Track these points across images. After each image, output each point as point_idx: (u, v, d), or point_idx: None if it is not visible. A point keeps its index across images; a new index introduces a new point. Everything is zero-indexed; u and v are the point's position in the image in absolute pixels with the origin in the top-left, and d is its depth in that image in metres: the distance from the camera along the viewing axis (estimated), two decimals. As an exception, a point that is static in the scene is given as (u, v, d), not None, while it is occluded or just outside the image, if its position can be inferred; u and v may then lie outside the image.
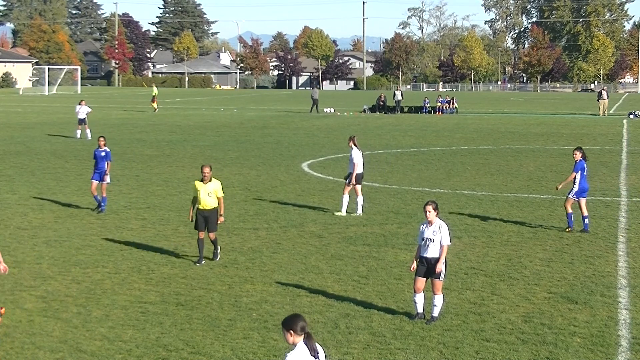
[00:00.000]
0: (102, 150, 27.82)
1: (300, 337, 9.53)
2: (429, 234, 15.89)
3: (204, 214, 20.45)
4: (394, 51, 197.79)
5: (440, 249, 15.83)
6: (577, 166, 24.76)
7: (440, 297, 15.97)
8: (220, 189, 20.59)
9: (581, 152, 24.95)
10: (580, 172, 24.76)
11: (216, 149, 47.17)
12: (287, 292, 18.11)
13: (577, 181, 24.74)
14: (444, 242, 15.82)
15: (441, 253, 15.82)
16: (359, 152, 27.52)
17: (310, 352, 9.51)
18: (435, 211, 15.91)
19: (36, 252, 21.71)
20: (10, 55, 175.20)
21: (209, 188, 20.39)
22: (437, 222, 15.93)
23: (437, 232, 15.86)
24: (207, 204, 20.42)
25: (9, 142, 50.18)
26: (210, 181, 20.43)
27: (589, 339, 15.07)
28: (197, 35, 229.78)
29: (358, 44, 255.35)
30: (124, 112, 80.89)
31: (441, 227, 15.91)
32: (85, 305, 17.05)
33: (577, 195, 24.77)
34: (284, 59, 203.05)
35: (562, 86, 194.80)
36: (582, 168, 24.82)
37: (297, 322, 9.58)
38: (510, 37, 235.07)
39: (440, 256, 15.81)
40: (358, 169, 27.21)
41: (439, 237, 15.84)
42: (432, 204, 15.98)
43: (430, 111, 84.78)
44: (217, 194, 20.50)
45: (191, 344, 14.68)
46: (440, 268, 15.82)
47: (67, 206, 28.42)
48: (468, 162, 41.89)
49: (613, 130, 63.56)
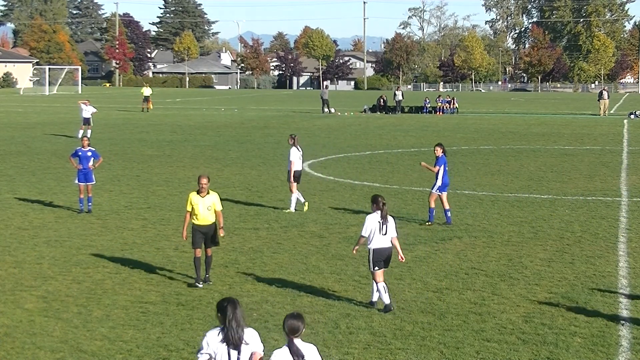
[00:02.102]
0: (87, 151, 27.74)
1: (287, 337, 9.52)
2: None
3: (203, 229, 18.52)
4: (394, 51, 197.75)
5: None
6: (439, 161, 25.44)
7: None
8: (219, 202, 18.67)
9: (442, 147, 25.71)
10: (443, 166, 25.51)
11: (217, 149, 47.17)
12: (288, 292, 18.12)
13: (440, 176, 25.43)
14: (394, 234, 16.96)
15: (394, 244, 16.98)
16: (298, 151, 28.10)
17: (293, 355, 9.42)
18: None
19: (37, 252, 21.72)
20: (10, 55, 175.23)
21: (208, 202, 18.45)
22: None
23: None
24: (207, 218, 18.50)
25: (10, 142, 50.19)
26: (208, 194, 18.54)
27: (590, 339, 15.07)
28: (197, 35, 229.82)
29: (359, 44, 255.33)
30: (124, 112, 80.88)
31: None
32: (86, 305, 17.05)
33: (440, 189, 25.55)
34: (285, 59, 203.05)
35: (562, 86, 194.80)
36: (444, 163, 25.59)
37: (287, 320, 9.56)
38: (511, 37, 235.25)
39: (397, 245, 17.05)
40: (295, 167, 27.73)
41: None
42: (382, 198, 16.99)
43: (431, 111, 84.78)
44: (215, 207, 18.54)
45: (192, 344, 14.68)
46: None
47: (67, 206, 28.41)
48: (469, 162, 41.88)
49: (614, 130, 63.56)
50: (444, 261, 21.00)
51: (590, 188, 33.32)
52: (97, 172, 36.55)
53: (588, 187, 33.48)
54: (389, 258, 16.94)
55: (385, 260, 16.84)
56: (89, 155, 27.64)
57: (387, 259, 16.88)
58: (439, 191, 25.54)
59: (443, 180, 25.44)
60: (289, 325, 9.49)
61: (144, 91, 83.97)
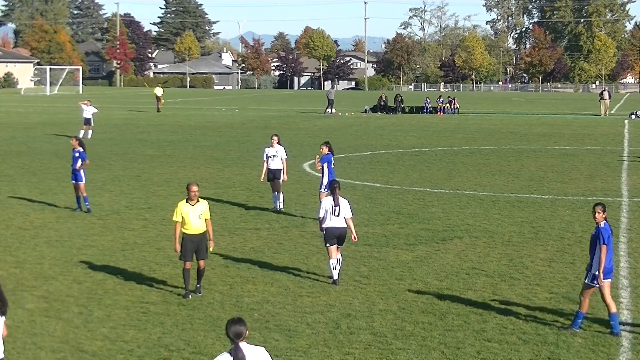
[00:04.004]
0: (76, 151, 27.90)
1: (231, 342, 9.45)
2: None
3: (194, 239, 17.64)
4: (395, 51, 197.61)
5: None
6: (324, 158, 26.02)
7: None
8: (208, 211, 17.79)
9: (327, 146, 26.37)
10: (327, 164, 25.99)
11: (217, 149, 47.18)
12: (289, 292, 18.13)
13: (326, 174, 25.89)
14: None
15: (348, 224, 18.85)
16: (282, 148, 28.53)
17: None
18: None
19: (38, 252, 21.73)
20: (11, 55, 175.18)
21: (199, 210, 17.59)
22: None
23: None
24: (198, 228, 17.63)
25: (11, 143, 50.21)
26: (198, 202, 17.66)
27: (591, 339, 15.08)
28: (198, 36, 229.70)
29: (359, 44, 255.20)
30: (125, 112, 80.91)
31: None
32: (86, 305, 17.07)
33: (327, 187, 25.61)
34: (286, 59, 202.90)
35: (563, 86, 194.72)
36: (329, 161, 26.08)
37: (230, 326, 9.50)
38: (512, 38, 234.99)
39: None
40: (284, 165, 27.99)
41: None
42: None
43: (432, 111, 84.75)
44: (206, 216, 17.70)
45: (193, 344, 14.70)
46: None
47: (68, 206, 28.41)
48: (469, 162, 41.89)
49: (614, 130, 63.56)
50: (444, 261, 21.01)
51: (591, 188, 33.32)
52: (98, 172, 36.70)
53: (589, 188, 33.49)
54: (342, 236, 18.83)
55: (337, 238, 18.72)
56: (77, 156, 27.79)
57: (339, 237, 18.76)
58: (327, 189, 25.64)
59: (329, 178, 25.55)
60: (234, 330, 9.42)
61: (156, 91, 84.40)
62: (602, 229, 15.43)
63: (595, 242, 15.40)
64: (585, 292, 15.42)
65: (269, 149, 28.12)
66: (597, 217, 15.47)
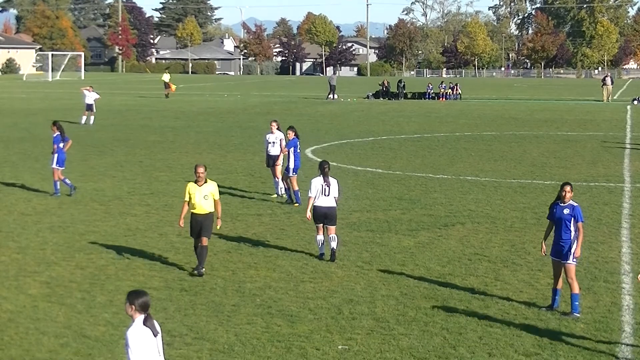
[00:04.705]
0: (54, 135, 28.11)
1: (139, 314, 9.52)
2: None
3: (198, 219, 18.41)
4: (397, 37, 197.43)
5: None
6: (290, 143, 26.55)
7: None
8: (217, 191, 18.54)
9: (294, 131, 26.69)
10: (294, 149, 26.51)
11: (220, 135, 47.17)
12: (291, 277, 18.15)
13: (292, 159, 26.39)
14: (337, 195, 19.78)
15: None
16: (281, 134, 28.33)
17: (152, 331, 9.49)
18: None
19: (40, 237, 21.75)
20: (13, 41, 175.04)
21: (205, 190, 18.31)
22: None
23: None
24: (204, 207, 18.35)
25: (13, 129, 50.20)
26: (206, 182, 18.40)
27: (593, 325, 15.10)
28: (200, 21, 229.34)
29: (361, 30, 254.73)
30: (128, 99, 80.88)
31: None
32: (89, 290, 17.09)
33: (294, 171, 26.46)
34: (288, 45, 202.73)
35: (565, 72, 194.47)
36: (296, 145, 26.57)
37: (139, 297, 9.56)
38: (514, 23, 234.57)
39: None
40: (280, 152, 27.80)
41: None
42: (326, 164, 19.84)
43: (434, 97, 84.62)
44: (214, 196, 18.43)
45: (195, 330, 14.72)
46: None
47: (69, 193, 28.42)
48: (472, 148, 41.87)
49: (617, 116, 63.48)
50: (447, 247, 21.02)
51: (593, 174, 33.30)
52: (101, 157, 36.83)
53: (591, 173, 33.47)
54: (330, 215, 19.56)
55: (325, 216, 19.51)
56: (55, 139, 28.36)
57: (327, 215, 19.53)
58: (294, 173, 26.50)
59: (295, 163, 26.35)
60: (143, 302, 9.53)
61: (164, 77, 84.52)
62: (577, 207, 15.77)
63: (564, 222, 15.67)
64: (573, 272, 15.68)
65: (269, 135, 28.13)
66: (567, 197, 15.73)
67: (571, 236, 15.64)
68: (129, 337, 9.40)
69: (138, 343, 9.36)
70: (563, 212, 15.69)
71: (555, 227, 15.86)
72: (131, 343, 9.35)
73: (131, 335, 9.40)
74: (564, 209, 15.71)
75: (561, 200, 15.78)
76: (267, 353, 13.67)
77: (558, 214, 15.74)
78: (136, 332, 9.42)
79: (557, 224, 15.76)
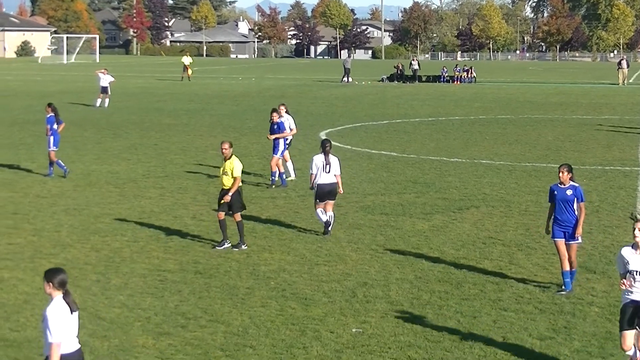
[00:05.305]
0: (48, 116, 28.58)
1: (58, 291, 9.58)
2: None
3: (223, 192, 19.26)
4: (412, 20, 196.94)
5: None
6: (279, 126, 27.01)
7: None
8: (237, 168, 19.09)
9: (279, 113, 27.19)
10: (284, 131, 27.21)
11: (234, 118, 47.18)
12: (305, 260, 18.18)
13: (288, 142, 27.62)
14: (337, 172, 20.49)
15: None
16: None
17: (71, 307, 9.54)
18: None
19: (55, 220, 21.82)
20: (29, 23, 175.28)
21: (227, 167, 19.11)
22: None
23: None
24: (224, 182, 19.17)
25: (28, 111, 50.31)
26: (230, 158, 19.13)
27: (607, 309, 15.08)
28: (215, 4, 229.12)
29: (376, 13, 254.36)
30: (142, 81, 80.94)
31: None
32: (104, 273, 17.16)
33: (282, 154, 27.12)
34: (302, 28, 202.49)
35: (581, 55, 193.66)
36: (280, 129, 26.96)
37: (57, 275, 9.66)
38: (529, 6, 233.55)
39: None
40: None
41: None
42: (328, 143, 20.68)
43: (449, 80, 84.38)
44: (232, 172, 19.08)
45: (209, 312, 14.76)
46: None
47: (86, 175, 28.51)
48: (486, 131, 41.79)
49: (632, 99, 63.21)
50: (461, 230, 21.01)
51: (608, 158, 33.21)
52: (115, 140, 36.92)
53: (606, 157, 33.37)
54: (333, 191, 20.39)
55: (328, 193, 20.29)
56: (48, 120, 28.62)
57: (330, 192, 20.32)
58: (282, 155, 27.26)
59: (283, 145, 27.13)
60: (61, 279, 9.66)
61: (184, 60, 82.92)
62: (579, 188, 15.90)
63: (568, 203, 15.78)
64: (575, 251, 16.06)
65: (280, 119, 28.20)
66: (564, 177, 15.80)
67: (576, 216, 15.73)
68: (48, 315, 9.40)
69: (58, 321, 9.38)
70: (566, 193, 15.75)
71: (557, 209, 15.90)
72: (51, 321, 9.36)
73: (50, 313, 9.41)
74: (566, 190, 15.77)
75: (560, 182, 15.84)
76: (281, 336, 13.70)
77: (561, 195, 15.78)
78: (56, 309, 9.45)
79: (561, 206, 15.80)
